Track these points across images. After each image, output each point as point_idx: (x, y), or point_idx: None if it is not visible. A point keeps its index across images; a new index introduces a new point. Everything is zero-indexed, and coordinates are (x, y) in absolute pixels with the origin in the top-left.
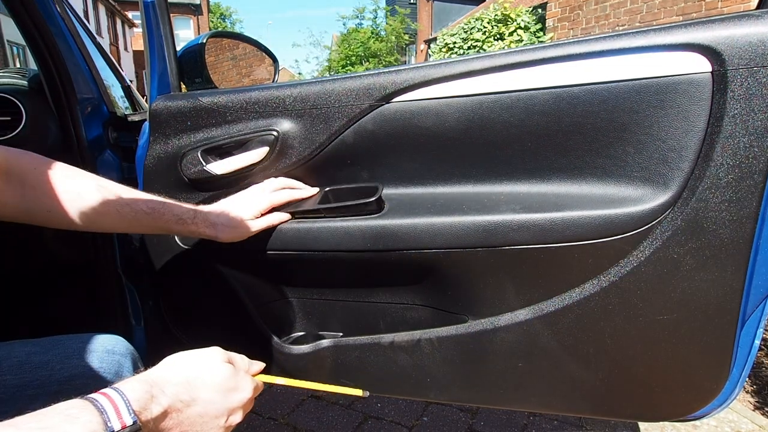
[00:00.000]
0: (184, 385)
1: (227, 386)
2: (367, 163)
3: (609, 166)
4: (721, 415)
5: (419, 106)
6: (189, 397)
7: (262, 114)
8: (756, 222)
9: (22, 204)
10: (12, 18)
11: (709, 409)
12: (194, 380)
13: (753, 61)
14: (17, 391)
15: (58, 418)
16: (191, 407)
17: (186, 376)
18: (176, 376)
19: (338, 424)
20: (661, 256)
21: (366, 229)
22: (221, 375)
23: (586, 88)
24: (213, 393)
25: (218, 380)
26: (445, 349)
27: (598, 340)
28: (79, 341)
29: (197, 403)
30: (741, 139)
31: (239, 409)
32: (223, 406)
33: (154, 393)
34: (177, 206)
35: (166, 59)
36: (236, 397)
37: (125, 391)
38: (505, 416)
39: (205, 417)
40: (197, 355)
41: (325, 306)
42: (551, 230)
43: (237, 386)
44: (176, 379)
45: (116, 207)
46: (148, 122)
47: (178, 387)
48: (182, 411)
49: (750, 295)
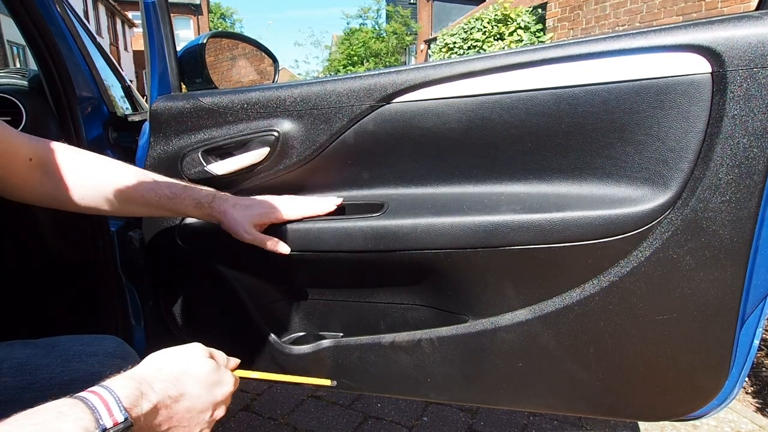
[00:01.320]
0: (171, 381)
1: (211, 380)
2: (367, 163)
3: (609, 167)
4: (721, 415)
5: (420, 106)
6: (177, 392)
7: (263, 114)
8: (755, 222)
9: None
10: (12, 18)
11: (708, 409)
12: (180, 375)
13: (752, 62)
14: (17, 394)
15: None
16: (179, 402)
17: (172, 372)
18: (163, 372)
19: (338, 424)
20: (661, 256)
21: (367, 230)
22: (205, 369)
23: (587, 89)
24: (199, 387)
25: (203, 375)
26: (445, 349)
27: (598, 340)
28: (80, 343)
29: (185, 398)
30: (740, 139)
31: (222, 403)
32: (208, 401)
33: (144, 389)
34: (198, 191)
35: (166, 59)
36: (220, 391)
37: (115, 389)
38: (505, 416)
39: (192, 412)
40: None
41: (326, 306)
42: (551, 230)
43: (220, 380)
44: (163, 375)
45: (141, 192)
46: (148, 122)
47: (166, 383)
48: (171, 406)
49: (749, 294)
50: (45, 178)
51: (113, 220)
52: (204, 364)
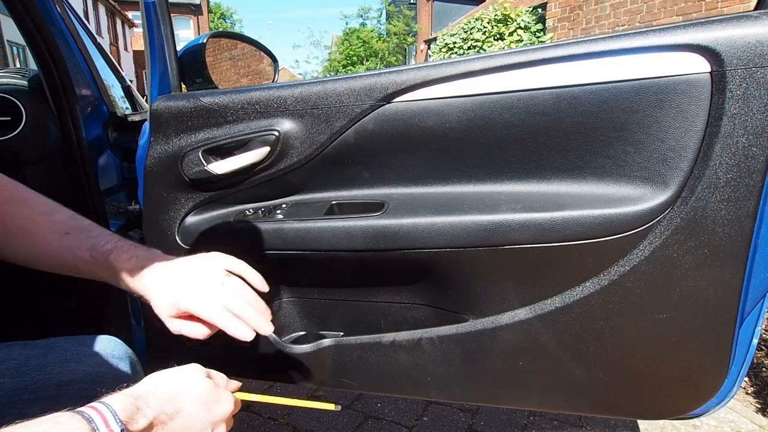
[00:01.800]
0: (167, 398)
1: (209, 399)
2: (368, 163)
3: (609, 166)
4: (722, 415)
5: (420, 106)
6: (173, 409)
7: (263, 114)
8: (754, 221)
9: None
10: (12, 18)
11: (708, 407)
12: (177, 394)
13: (751, 61)
14: (15, 395)
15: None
16: (175, 420)
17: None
18: (159, 390)
19: (338, 424)
20: (660, 254)
21: (367, 229)
22: (202, 388)
23: (587, 89)
24: (196, 406)
25: (200, 393)
26: (446, 348)
27: (598, 339)
28: (78, 344)
29: (181, 415)
30: (739, 138)
31: (222, 423)
32: (206, 419)
33: (140, 405)
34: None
35: (166, 59)
36: (219, 410)
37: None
38: (505, 416)
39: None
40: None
41: (326, 305)
42: (552, 229)
43: (218, 399)
44: (159, 392)
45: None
46: (148, 122)
47: (161, 400)
48: (167, 423)
49: (748, 293)
50: None
51: (113, 220)
52: (201, 383)
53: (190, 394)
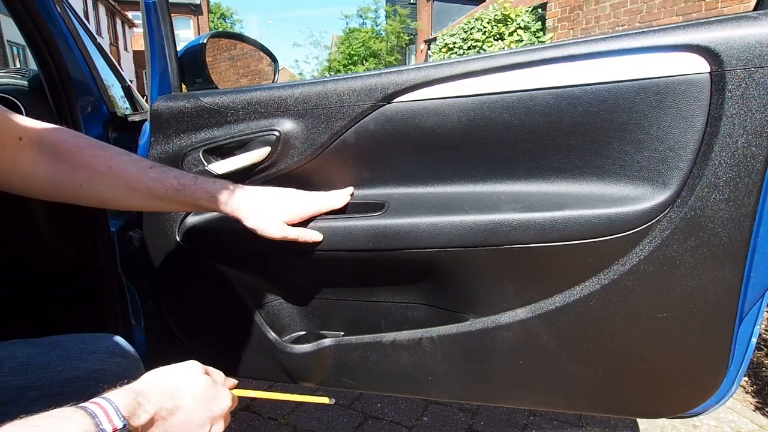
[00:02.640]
0: (167, 394)
1: (207, 395)
2: (368, 163)
3: (609, 166)
4: (722, 415)
5: (420, 106)
6: (173, 405)
7: (264, 114)
8: (754, 220)
9: (54, 178)
10: (12, 18)
11: (707, 406)
12: (176, 390)
13: (751, 62)
14: (19, 393)
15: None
16: (175, 415)
17: (168, 387)
18: (158, 386)
19: (338, 424)
20: (660, 254)
21: (368, 229)
22: (201, 384)
23: (587, 89)
24: (195, 401)
25: (198, 389)
26: (446, 347)
27: (597, 338)
28: (81, 342)
29: (181, 411)
30: (739, 138)
31: (220, 419)
32: (205, 415)
33: (140, 401)
34: (211, 183)
35: (167, 59)
36: (217, 406)
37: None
38: (505, 416)
39: (189, 425)
40: (176, 368)
41: (327, 305)
42: (552, 229)
43: (217, 396)
44: (159, 388)
45: (147, 182)
46: (149, 122)
47: (161, 396)
48: (167, 419)
49: (747, 292)
50: (38, 160)
51: (113, 220)
52: (199, 380)
53: (189, 390)
